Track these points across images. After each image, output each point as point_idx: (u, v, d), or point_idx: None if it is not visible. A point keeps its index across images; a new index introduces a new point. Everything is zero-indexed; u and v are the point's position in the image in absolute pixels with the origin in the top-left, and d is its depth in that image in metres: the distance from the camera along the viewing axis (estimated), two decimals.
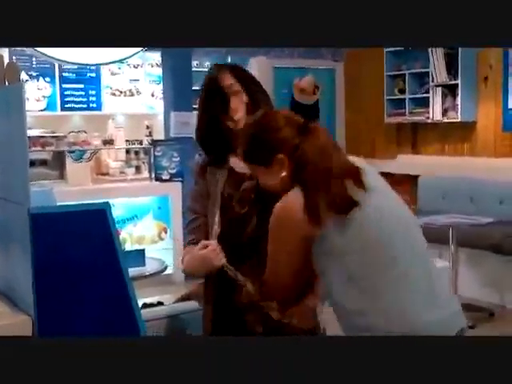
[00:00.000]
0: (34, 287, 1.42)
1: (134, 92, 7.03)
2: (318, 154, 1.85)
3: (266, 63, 7.58)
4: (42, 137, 6.10)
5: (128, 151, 6.78)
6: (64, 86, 6.65)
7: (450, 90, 6.87)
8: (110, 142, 6.50)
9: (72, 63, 6.05)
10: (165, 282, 5.50)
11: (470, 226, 5.33)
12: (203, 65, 7.25)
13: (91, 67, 6.54)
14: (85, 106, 6.77)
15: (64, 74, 6.64)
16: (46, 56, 5.75)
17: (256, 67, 7.22)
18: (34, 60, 6.43)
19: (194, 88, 6.44)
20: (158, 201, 6.58)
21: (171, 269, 5.61)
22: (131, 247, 6.04)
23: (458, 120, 6.78)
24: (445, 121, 6.95)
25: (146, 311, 2.57)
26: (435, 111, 6.97)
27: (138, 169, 6.78)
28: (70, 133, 6.35)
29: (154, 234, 6.54)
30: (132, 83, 7.01)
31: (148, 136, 6.76)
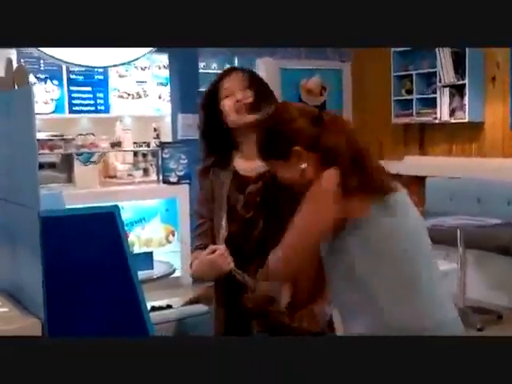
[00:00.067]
0: (43, 289, 1.43)
1: (142, 94, 7.04)
2: (344, 141, 1.83)
3: (273, 64, 7.57)
4: (50, 139, 6.11)
5: (136, 154, 6.78)
6: (72, 88, 6.66)
7: (457, 90, 6.85)
8: (117, 145, 6.51)
9: (80, 65, 6.07)
10: (173, 284, 5.50)
11: (477, 227, 5.28)
12: (210, 66, 7.27)
13: (99, 69, 6.55)
14: (93, 108, 6.78)
15: (72, 76, 6.65)
16: (53, 58, 5.76)
17: (263, 68, 7.22)
18: (42, 62, 6.43)
19: (200, 89, 6.46)
20: (166, 203, 6.58)
21: (179, 272, 5.61)
22: (139, 250, 6.05)
23: (466, 120, 6.76)
24: (452, 121, 6.93)
25: (155, 314, 2.57)
26: (443, 111, 6.96)
27: (145, 171, 6.77)
28: (78, 135, 6.36)
29: (162, 236, 6.54)
30: (139, 85, 7.03)
31: (155, 138, 6.75)
